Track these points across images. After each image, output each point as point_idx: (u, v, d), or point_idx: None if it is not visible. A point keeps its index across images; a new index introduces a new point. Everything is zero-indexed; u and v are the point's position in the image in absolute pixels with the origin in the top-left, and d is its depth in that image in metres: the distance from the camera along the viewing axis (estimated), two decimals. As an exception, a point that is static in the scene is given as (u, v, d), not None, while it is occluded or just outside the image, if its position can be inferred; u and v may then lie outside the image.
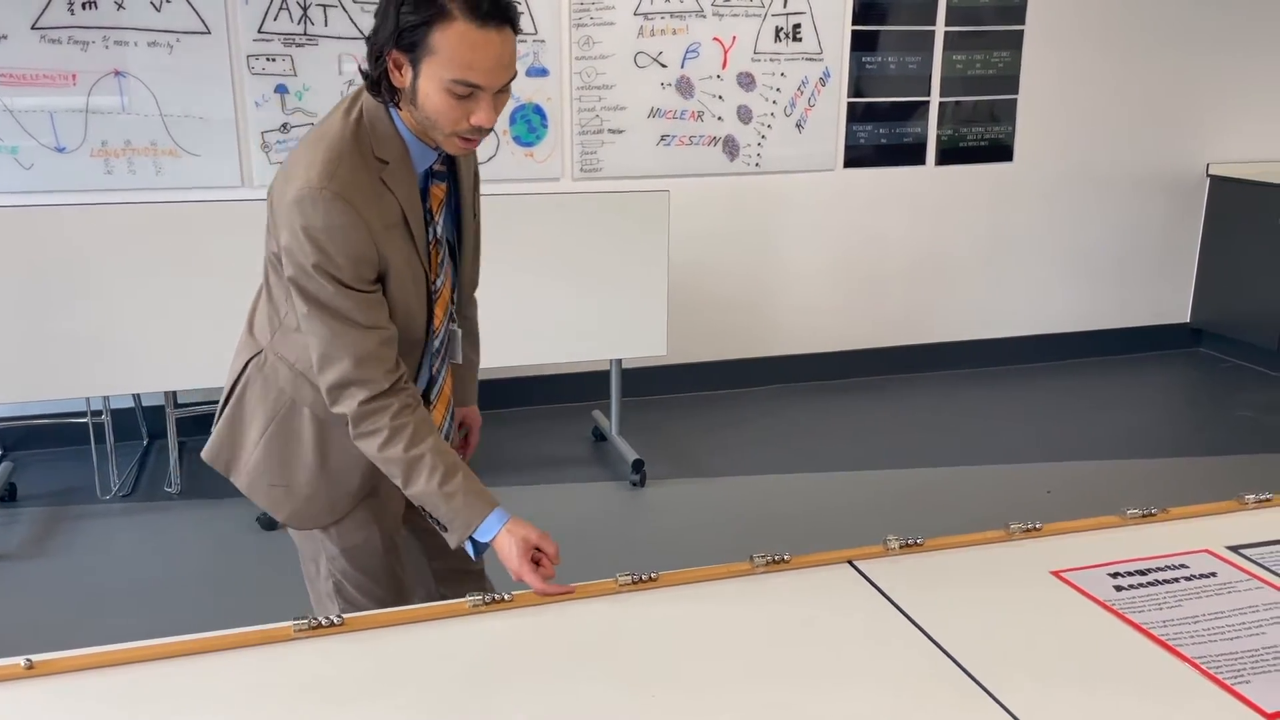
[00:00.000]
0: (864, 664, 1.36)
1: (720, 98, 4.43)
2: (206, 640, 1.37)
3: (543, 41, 4.17)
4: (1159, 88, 5.05)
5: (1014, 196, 4.97)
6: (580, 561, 3.17)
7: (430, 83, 1.45)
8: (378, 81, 1.50)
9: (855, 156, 4.69)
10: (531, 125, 4.24)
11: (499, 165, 4.22)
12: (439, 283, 1.67)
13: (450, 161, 1.67)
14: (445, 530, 1.59)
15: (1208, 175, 5.23)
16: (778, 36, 4.45)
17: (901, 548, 1.66)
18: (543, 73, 4.20)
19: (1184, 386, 4.98)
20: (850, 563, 1.63)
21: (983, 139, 4.86)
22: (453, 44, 1.42)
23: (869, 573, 1.59)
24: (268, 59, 3.93)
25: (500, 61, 1.46)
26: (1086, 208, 5.11)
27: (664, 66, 4.34)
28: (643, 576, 1.54)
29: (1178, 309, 5.40)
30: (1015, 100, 4.84)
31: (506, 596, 1.49)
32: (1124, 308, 5.30)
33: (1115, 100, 5.00)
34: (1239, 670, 1.32)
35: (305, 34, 3.94)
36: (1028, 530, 1.72)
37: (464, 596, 1.48)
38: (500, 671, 1.34)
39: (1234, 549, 1.67)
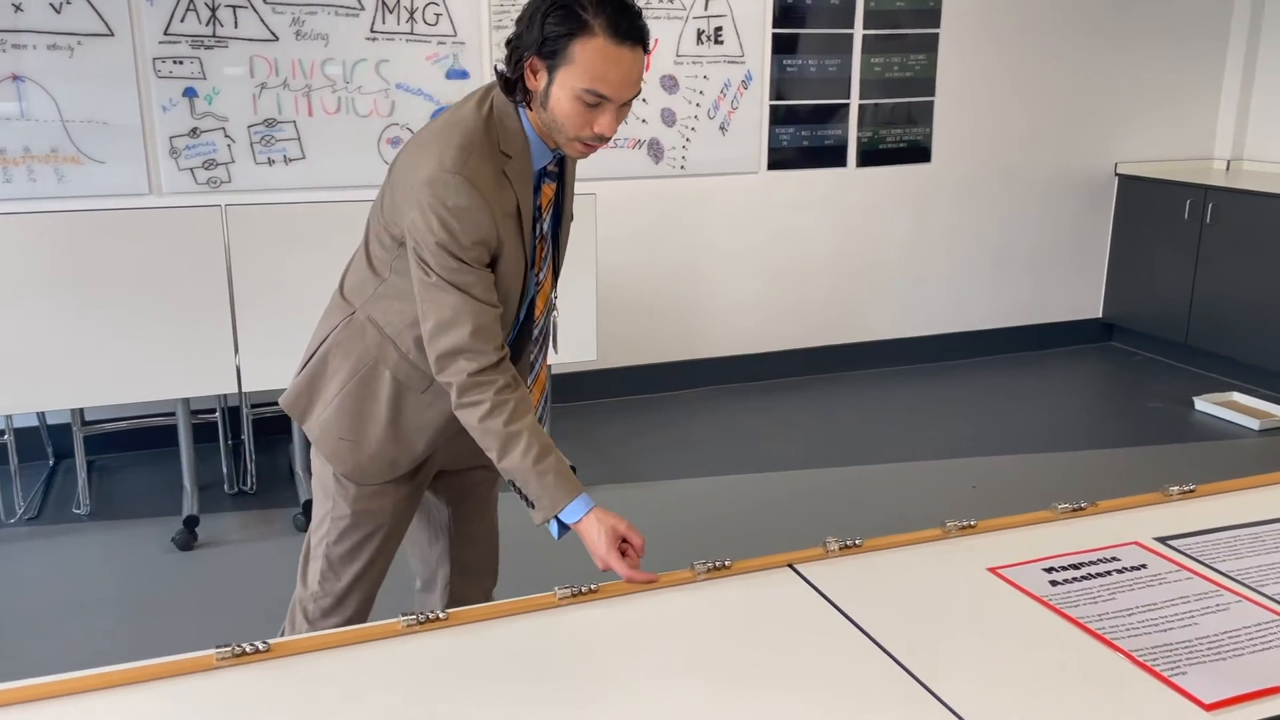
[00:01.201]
0: (809, 669, 1.34)
1: (644, 100, 4.42)
2: (125, 672, 1.30)
3: (462, 44, 4.10)
4: (1069, 89, 5.18)
5: (933, 197, 5.06)
6: (513, 574, 3.12)
7: (563, 89, 1.57)
8: (514, 82, 1.62)
9: (778, 159, 4.72)
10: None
11: (420, 169, 4.13)
12: (541, 275, 1.78)
13: (560, 165, 1.76)
14: (531, 506, 1.66)
15: (1116, 174, 5.39)
16: (699, 39, 4.45)
17: (841, 549, 1.65)
18: (463, 75, 4.14)
19: (1098, 380, 5.12)
20: (791, 566, 1.62)
21: (901, 141, 4.93)
22: (590, 57, 1.54)
23: (810, 575, 1.58)
24: (175, 62, 3.80)
25: (629, 78, 1.58)
26: (1002, 207, 5.22)
27: (586, 69, 4.30)
28: (582, 589, 1.50)
29: (1090, 304, 5.55)
30: (932, 103, 4.93)
31: (441, 615, 1.44)
32: (1039, 304, 5.43)
33: (1028, 102, 5.12)
34: (1175, 662, 1.34)
35: (214, 36, 3.82)
36: (963, 528, 1.73)
37: (473, 566, 1.59)
38: (436, 692, 1.29)
39: (1162, 540, 1.70)
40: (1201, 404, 4.58)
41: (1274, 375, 4.76)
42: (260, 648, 1.35)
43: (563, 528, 1.66)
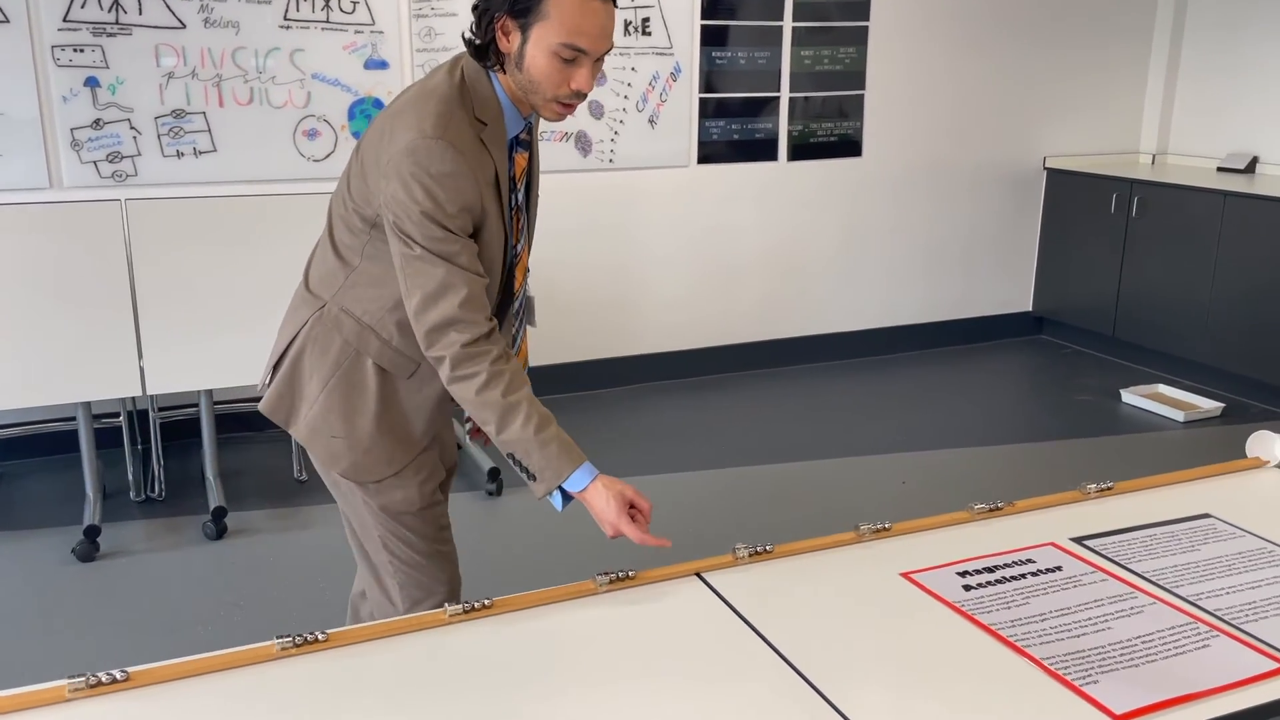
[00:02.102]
0: (708, 685, 1.27)
1: (570, 92, 4.32)
2: (19, 697, 1.19)
3: (381, 33, 3.98)
4: (998, 83, 5.20)
5: (863, 191, 5.04)
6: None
7: (538, 47, 1.55)
8: (484, 47, 1.59)
9: (709, 153, 4.66)
10: (372, 120, 4.03)
11: (337, 162, 4.01)
12: (519, 247, 1.75)
13: (528, 134, 1.73)
14: (533, 479, 1.61)
15: (1045, 168, 5.42)
16: (627, 30, 4.37)
17: (751, 556, 1.59)
18: (382, 65, 4.01)
19: (1028, 373, 5.14)
20: (699, 575, 1.55)
21: (832, 134, 4.90)
22: (565, 10, 1.53)
23: (717, 585, 1.52)
24: (75, 50, 3.62)
25: (605, 30, 1.57)
26: (932, 202, 5.22)
27: (511, 60, 4.20)
28: (475, 604, 1.42)
29: (1020, 298, 5.59)
30: (862, 96, 4.91)
31: (321, 636, 1.34)
32: (970, 298, 5.45)
33: (957, 96, 5.13)
34: (1086, 670, 1.30)
35: (117, 23, 3.65)
36: (878, 531, 1.68)
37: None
38: (314, 718, 1.20)
39: (1078, 540, 1.66)
40: (1128, 396, 4.62)
41: (1198, 367, 4.82)
42: (118, 677, 1.25)
43: (565, 498, 1.61)
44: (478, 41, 1.61)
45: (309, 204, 3.39)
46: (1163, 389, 4.71)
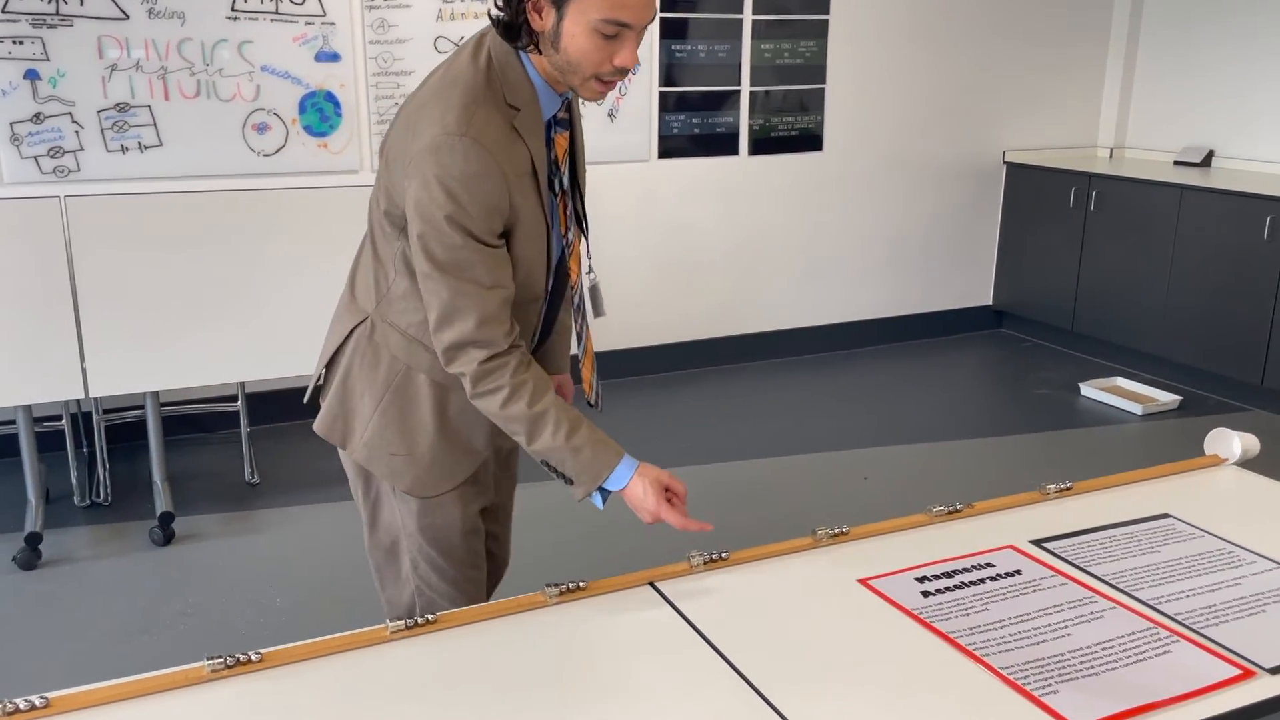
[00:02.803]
0: (657, 697, 1.23)
1: (527, 86, 4.26)
2: None
3: (332, 24, 3.89)
4: (958, 78, 5.20)
5: (825, 186, 5.02)
6: (374, 592, 2.94)
7: (576, 24, 1.43)
8: (515, 25, 1.47)
9: (669, 147, 4.61)
10: (324, 114, 3.95)
11: (288, 158, 3.92)
12: (570, 235, 1.64)
13: (568, 111, 1.61)
14: (570, 483, 1.57)
15: (1004, 162, 5.43)
16: (584, 22, 4.31)
17: (705, 564, 1.54)
18: (334, 58, 3.92)
19: (988, 367, 5.15)
20: (652, 584, 1.50)
21: (793, 129, 4.87)
22: None
23: (670, 594, 1.47)
24: (14, 41, 3.50)
25: (650, 1, 1.45)
26: (893, 196, 5.21)
27: (466, 52, 4.12)
28: (418, 620, 1.37)
29: (980, 292, 5.60)
30: (823, 90, 4.88)
31: (255, 656, 1.28)
32: (931, 292, 5.45)
33: (917, 90, 5.12)
34: (1046, 680, 1.27)
35: (58, 14, 3.53)
36: (835, 535, 1.64)
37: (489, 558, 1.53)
38: (241, 750, 1.14)
39: (1037, 543, 1.64)
40: (1087, 390, 4.63)
41: (1156, 360, 4.85)
42: (37, 704, 1.18)
43: (602, 494, 1.57)
44: (506, 20, 1.47)
45: (259, 200, 3.31)
46: (1121, 382, 4.73)
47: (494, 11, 1.49)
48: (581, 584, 1.47)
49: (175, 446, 3.85)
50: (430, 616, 1.38)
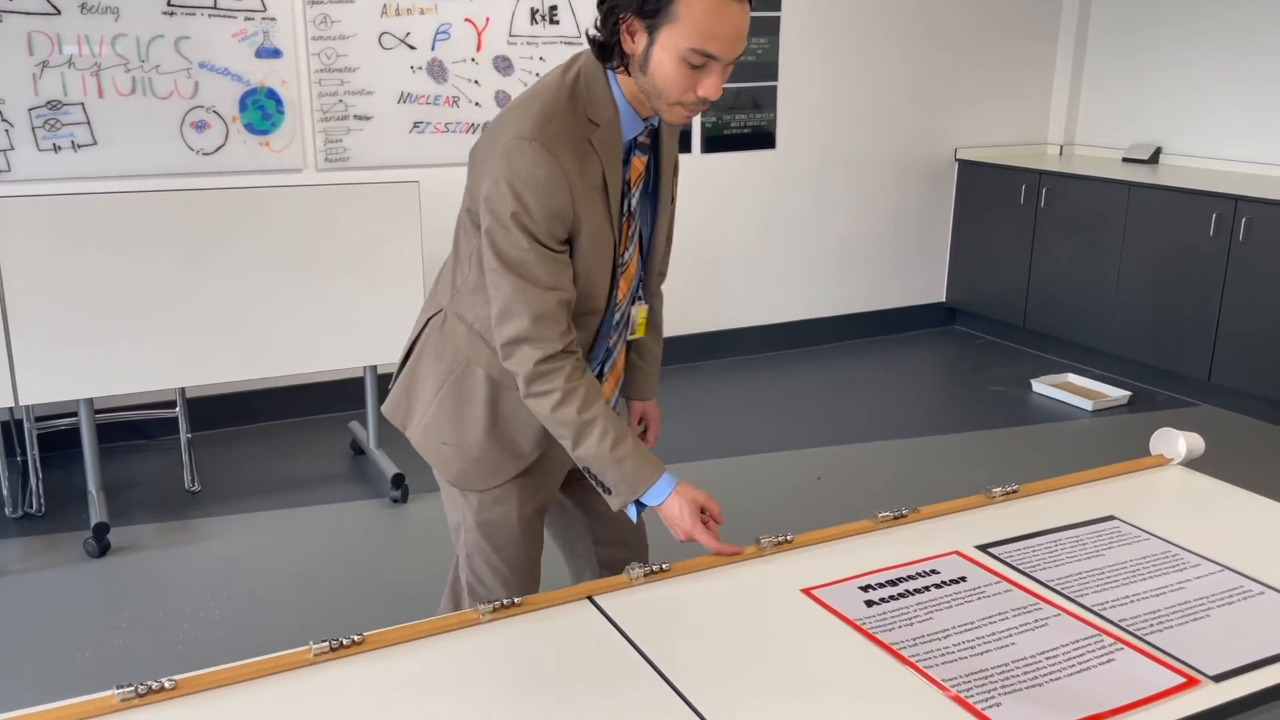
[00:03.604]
0: (587, 715, 1.19)
1: (476, 82, 4.20)
2: None
3: (273, 20, 3.80)
4: (909, 76, 5.20)
5: (778, 184, 5.00)
6: (332, 597, 2.88)
7: (665, 51, 1.45)
8: (608, 47, 1.51)
9: (620, 144, 4.56)
10: (266, 112, 3.86)
11: (229, 156, 3.82)
12: (626, 255, 1.66)
13: (654, 139, 1.66)
14: (608, 493, 1.59)
15: (956, 160, 5.45)
16: (534, 19, 4.26)
17: (646, 576, 1.50)
18: (275, 54, 3.83)
19: (941, 364, 5.17)
20: (590, 598, 1.46)
21: (746, 127, 4.85)
22: (696, 13, 1.42)
23: (609, 608, 1.43)
24: (-62, 35, 3.38)
25: (739, 34, 1.46)
26: (846, 194, 5.21)
27: (413, 48, 4.06)
28: (343, 640, 1.31)
29: (934, 289, 5.61)
30: (775, 88, 4.86)
31: (169, 684, 1.22)
32: (884, 290, 5.46)
33: (869, 88, 5.11)
34: (989, 692, 1.24)
35: (-16, 7, 3.41)
36: (779, 544, 1.61)
37: (625, 566, 1.51)
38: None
39: (982, 548, 1.62)
40: (1039, 386, 4.66)
41: (1106, 356, 4.89)
42: (-70, 741, 1.11)
43: (638, 507, 1.61)
44: (601, 40, 1.51)
45: (198, 200, 3.23)
46: (1072, 378, 4.76)
47: (592, 31, 1.54)
48: (517, 600, 1.42)
49: (113, 454, 3.75)
50: (357, 636, 1.32)
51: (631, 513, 1.61)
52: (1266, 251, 4.19)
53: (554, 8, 4.28)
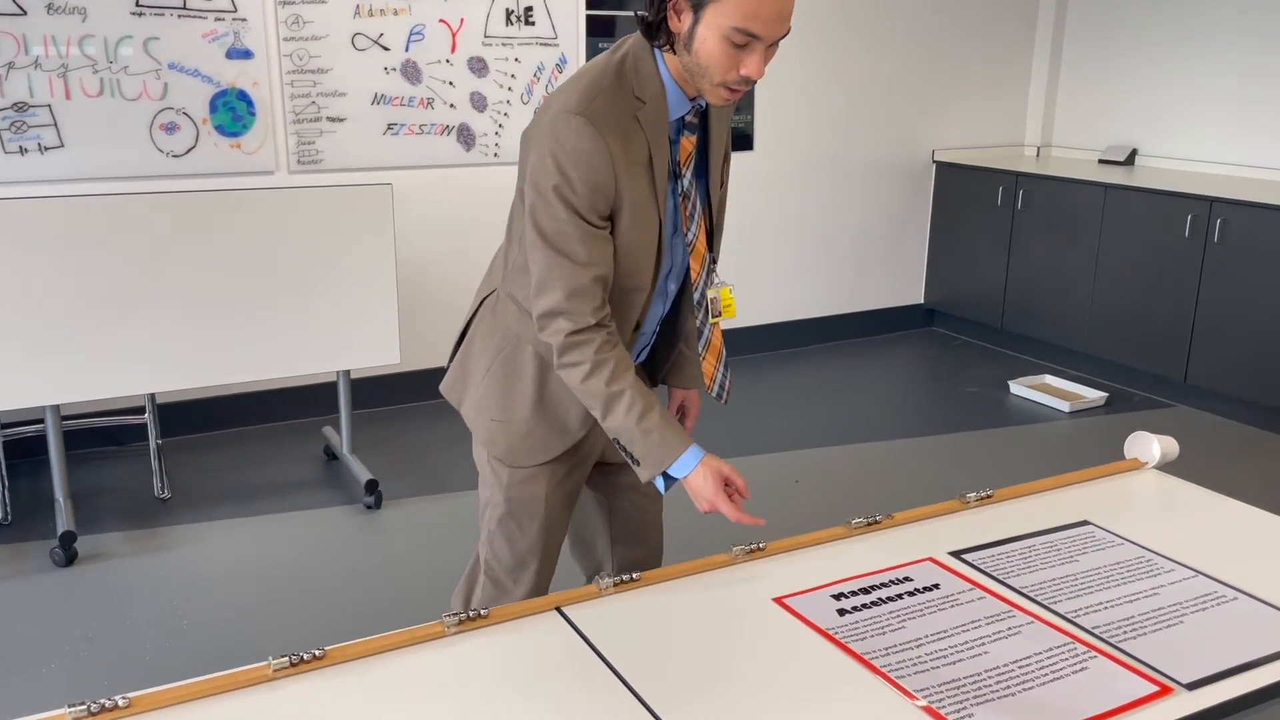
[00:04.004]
0: (560, 741, 1.16)
1: (451, 84, 4.16)
2: None
3: (244, 20, 3.75)
4: (887, 78, 5.20)
5: (756, 186, 4.99)
6: (304, 606, 2.84)
7: (709, 29, 1.47)
8: (655, 25, 1.54)
9: (597, 146, 4.53)
10: (237, 113, 3.81)
11: (200, 158, 3.78)
12: (690, 236, 1.69)
13: (703, 121, 1.67)
14: (637, 464, 1.61)
15: (934, 161, 5.45)
16: (509, 20, 4.22)
17: (615, 586, 1.48)
18: (246, 55, 3.78)
19: (919, 366, 5.17)
20: (559, 609, 1.43)
21: (723, 127, 4.82)
22: None
23: (577, 619, 1.41)
24: (-100, 35, 3.32)
25: (782, 14, 1.48)
26: (824, 196, 5.20)
27: (387, 49, 4.02)
28: (304, 655, 1.28)
29: (912, 291, 5.61)
30: (753, 90, 4.84)
31: (122, 702, 1.19)
32: (862, 292, 5.45)
33: (847, 90, 5.11)
34: (961, 702, 1.22)
35: (-53, 6, 3.36)
36: (751, 551, 1.59)
37: (634, 561, 1.63)
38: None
39: (956, 554, 1.60)
40: (1016, 388, 4.66)
41: (1083, 357, 4.90)
42: None
43: (668, 480, 1.62)
44: (649, 18, 1.54)
45: (168, 202, 3.18)
46: (1049, 380, 4.77)
47: (640, 11, 1.56)
48: (483, 612, 1.39)
49: (81, 461, 3.69)
50: (318, 651, 1.29)
51: (660, 484, 1.62)
52: (1241, 253, 4.20)
53: (529, 9, 4.26)
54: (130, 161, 3.68)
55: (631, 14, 4.47)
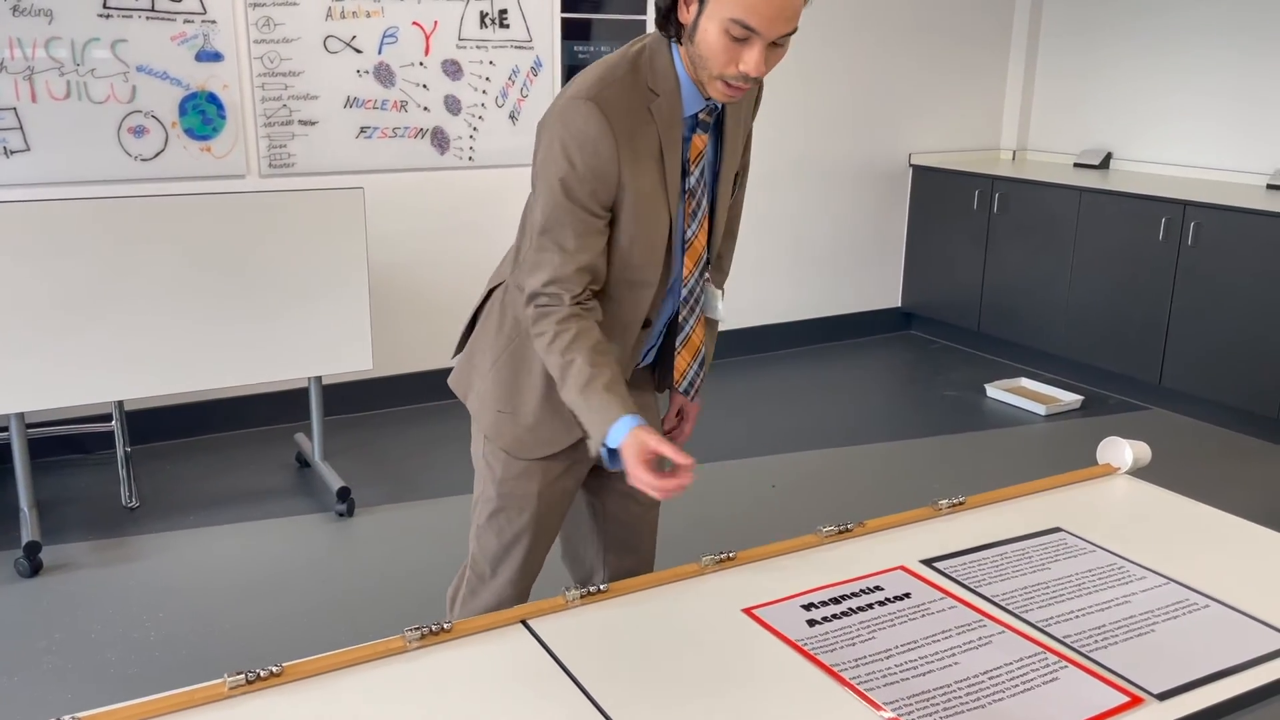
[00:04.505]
0: (522, 759, 1.14)
1: (425, 86, 4.13)
2: None
3: (214, 23, 3.71)
4: (863, 82, 5.20)
5: (733, 188, 4.97)
6: (273, 616, 2.80)
7: (710, 20, 1.47)
8: (666, 15, 1.54)
9: (573, 149, 4.51)
10: (206, 116, 3.77)
11: (168, 162, 3.73)
12: (690, 233, 1.68)
13: (719, 122, 1.66)
14: (587, 438, 1.58)
15: (910, 165, 5.46)
16: (483, 22, 4.20)
17: (582, 598, 1.45)
18: (216, 57, 3.74)
19: (897, 370, 5.17)
20: (524, 622, 1.41)
21: (700, 131, 4.81)
22: None
23: (543, 633, 1.38)
24: None
25: (782, 12, 1.46)
26: (801, 199, 5.20)
27: (359, 52, 3.98)
28: (260, 672, 1.25)
29: (889, 294, 5.62)
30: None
31: (71, 722, 1.15)
32: (840, 295, 5.45)
33: (823, 94, 5.11)
34: (930, 715, 1.21)
35: (-91, 8, 3.30)
36: (721, 561, 1.56)
37: (626, 570, 1.63)
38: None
39: (927, 563, 1.58)
40: (992, 391, 4.67)
41: (1059, 360, 4.92)
42: None
43: (612, 454, 1.54)
44: (663, 9, 1.55)
45: (137, 207, 3.13)
46: (1025, 383, 4.78)
47: (657, 1, 1.57)
48: (446, 626, 1.37)
49: (47, 469, 3.64)
50: (275, 668, 1.26)
51: (605, 458, 1.56)
52: (1214, 256, 4.22)
53: (504, 11, 4.23)
54: (98, 165, 3.62)
55: (607, 17, 4.45)
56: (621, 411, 1.52)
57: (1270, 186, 4.55)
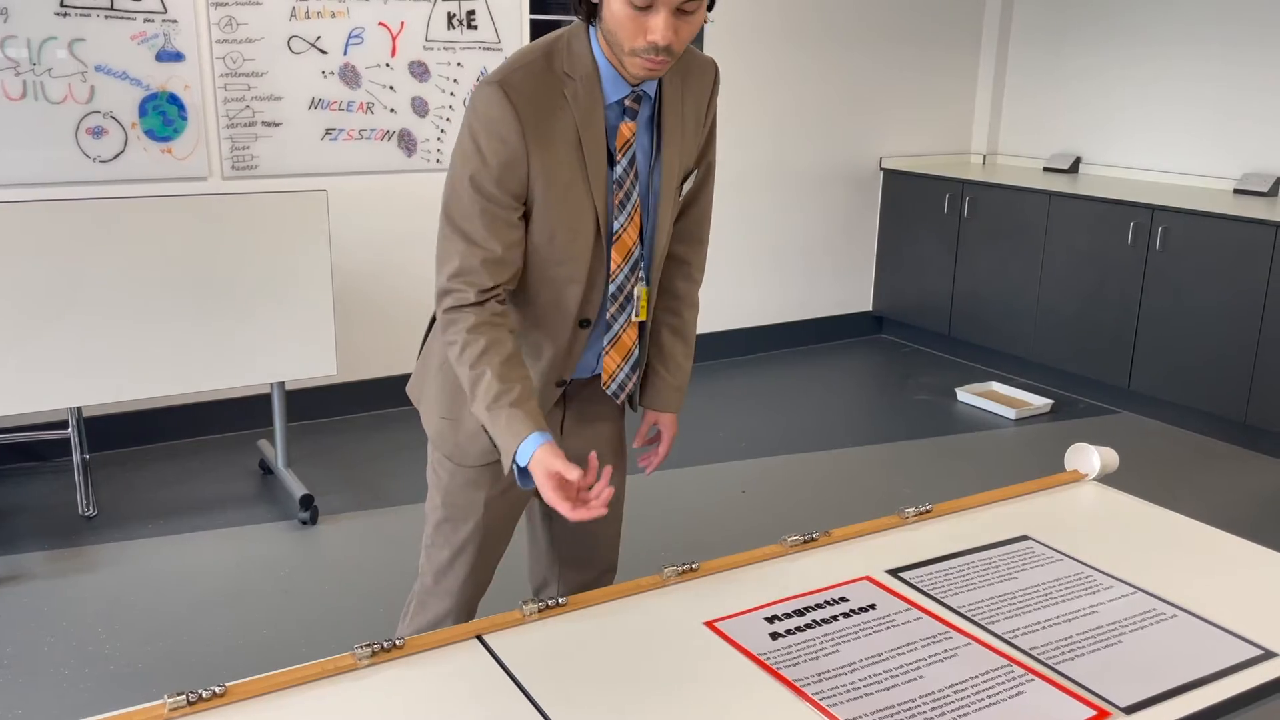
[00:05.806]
0: (473, 782, 1.10)
1: (391, 88, 4.08)
2: None
3: (174, 22, 3.64)
4: (834, 85, 5.19)
5: (704, 192, 4.94)
6: (233, 628, 2.74)
7: None
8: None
9: (542, 152, 4.47)
10: (167, 117, 3.70)
11: (128, 164, 3.66)
12: (617, 225, 1.62)
13: (657, 119, 1.61)
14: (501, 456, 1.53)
15: (881, 169, 5.46)
16: (450, 24, 4.15)
17: (540, 612, 1.42)
18: (177, 57, 3.67)
19: (868, 373, 5.16)
20: (479, 637, 1.37)
21: (671, 134, 4.78)
22: None
23: (499, 648, 1.34)
24: None
25: None
26: (772, 203, 5.18)
27: (324, 53, 3.92)
28: (204, 693, 1.20)
29: (860, 298, 5.61)
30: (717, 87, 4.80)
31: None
32: (811, 299, 5.44)
33: (794, 98, 5.10)
34: (893, 732, 1.18)
35: None
36: (683, 572, 1.53)
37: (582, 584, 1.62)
38: None
39: (893, 573, 1.56)
40: (963, 395, 4.67)
41: (1029, 364, 4.92)
42: None
43: (523, 474, 1.49)
44: None
45: (95, 209, 3.06)
46: (996, 387, 4.78)
47: None
48: (398, 642, 1.32)
49: (1, 477, 3.55)
50: (218, 688, 1.21)
51: (518, 477, 1.50)
52: (1182, 260, 4.24)
53: (471, 12, 4.18)
54: (55, 167, 3.55)
55: (575, 18, 4.41)
56: (530, 429, 1.47)
57: (1238, 191, 4.58)
